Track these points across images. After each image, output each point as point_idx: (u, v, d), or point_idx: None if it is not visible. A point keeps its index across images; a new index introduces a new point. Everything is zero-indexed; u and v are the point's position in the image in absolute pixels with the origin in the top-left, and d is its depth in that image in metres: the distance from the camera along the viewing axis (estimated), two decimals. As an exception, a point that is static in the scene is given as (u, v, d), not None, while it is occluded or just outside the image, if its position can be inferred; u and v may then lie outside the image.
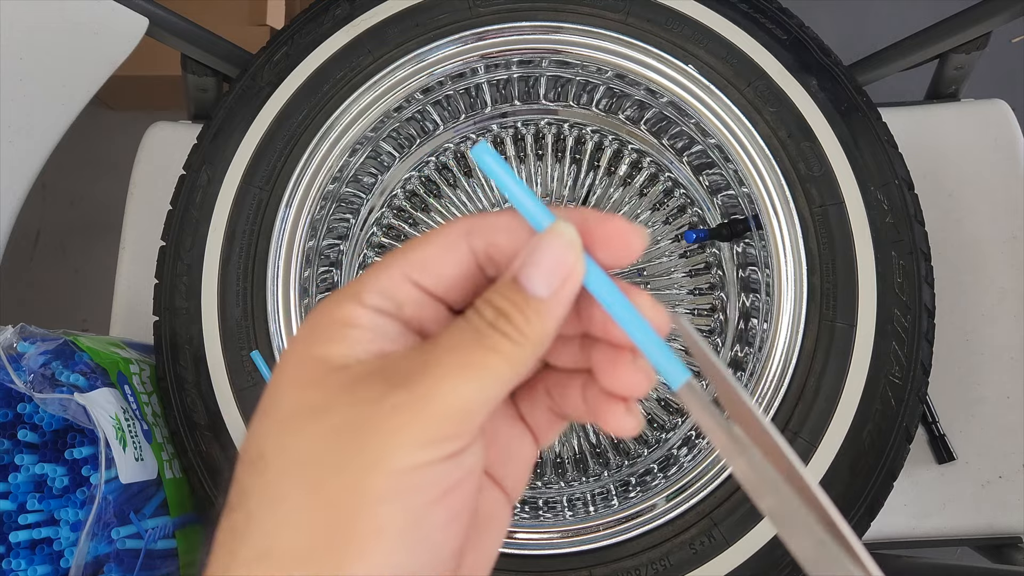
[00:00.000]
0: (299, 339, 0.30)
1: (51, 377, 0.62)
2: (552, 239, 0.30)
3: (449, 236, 0.32)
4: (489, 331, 0.29)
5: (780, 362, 0.65)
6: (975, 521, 0.77)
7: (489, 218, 0.32)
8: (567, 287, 0.30)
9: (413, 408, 0.27)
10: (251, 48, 0.82)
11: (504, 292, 0.30)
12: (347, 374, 0.29)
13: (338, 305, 0.31)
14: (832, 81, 0.69)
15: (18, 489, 0.64)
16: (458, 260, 0.32)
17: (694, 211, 0.79)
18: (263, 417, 0.30)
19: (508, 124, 0.82)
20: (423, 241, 0.32)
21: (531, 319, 0.29)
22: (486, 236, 0.32)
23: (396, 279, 0.31)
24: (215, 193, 0.71)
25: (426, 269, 0.31)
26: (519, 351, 0.29)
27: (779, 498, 0.29)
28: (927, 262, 0.66)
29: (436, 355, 0.29)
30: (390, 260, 0.31)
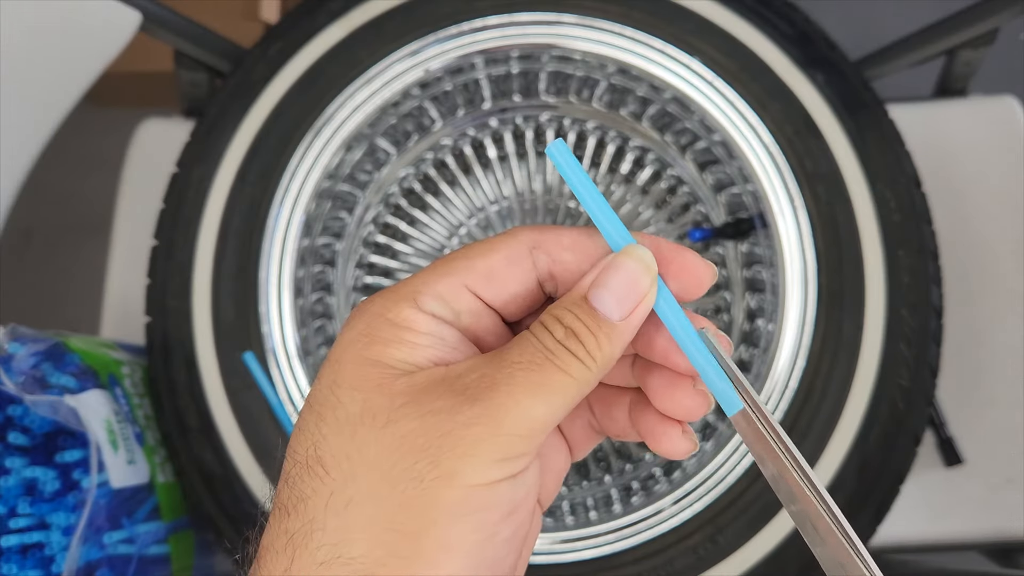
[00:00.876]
0: (354, 339, 0.30)
1: (41, 379, 0.61)
2: (628, 263, 0.30)
3: (514, 249, 0.31)
4: (560, 351, 0.29)
5: (787, 363, 0.64)
6: (983, 525, 0.76)
7: (556, 234, 0.32)
8: (638, 312, 0.30)
9: (488, 424, 0.27)
10: (245, 43, 0.81)
11: (575, 311, 0.30)
12: (410, 381, 0.29)
13: (395, 305, 0.30)
14: (839, 77, 0.68)
15: (8, 493, 0.63)
16: (521, 275, 0.32)
17: (698, 209, 0.78)
18: (319, 419, 0.29)
19: (507, 120, 0.81)
20: (486, 250, 0.31)
21: (601, 342, 0.29)
22: (552, 253, 0.32)
23: (456, 287, 0.31)
24: (207, 191, 0.71)
25: (489, 281, 0.31)
26: (587, 373, 0.29)
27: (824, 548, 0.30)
28: (935, 261, 0.66)
29: (507, 371, 0.29)
30: (450, 266, 0.31)
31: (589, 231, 0.32)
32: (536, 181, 0.82)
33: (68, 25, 0.70)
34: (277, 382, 0.67)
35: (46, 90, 0.73)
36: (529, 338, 0.30)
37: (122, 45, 0.74)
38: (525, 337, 0.30)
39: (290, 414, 0.66)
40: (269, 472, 0.66)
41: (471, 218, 0.81)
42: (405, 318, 0.30)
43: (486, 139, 0.82)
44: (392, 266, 0.81)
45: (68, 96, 0.74)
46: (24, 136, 0.73)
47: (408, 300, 0.30)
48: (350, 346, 0.30)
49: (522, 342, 0.30)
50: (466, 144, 0.82)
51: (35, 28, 0.69)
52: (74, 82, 0.74)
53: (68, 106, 0.75)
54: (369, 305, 0.31)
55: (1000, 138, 0.84)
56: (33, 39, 0.70)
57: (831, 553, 0.30)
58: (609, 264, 0.30)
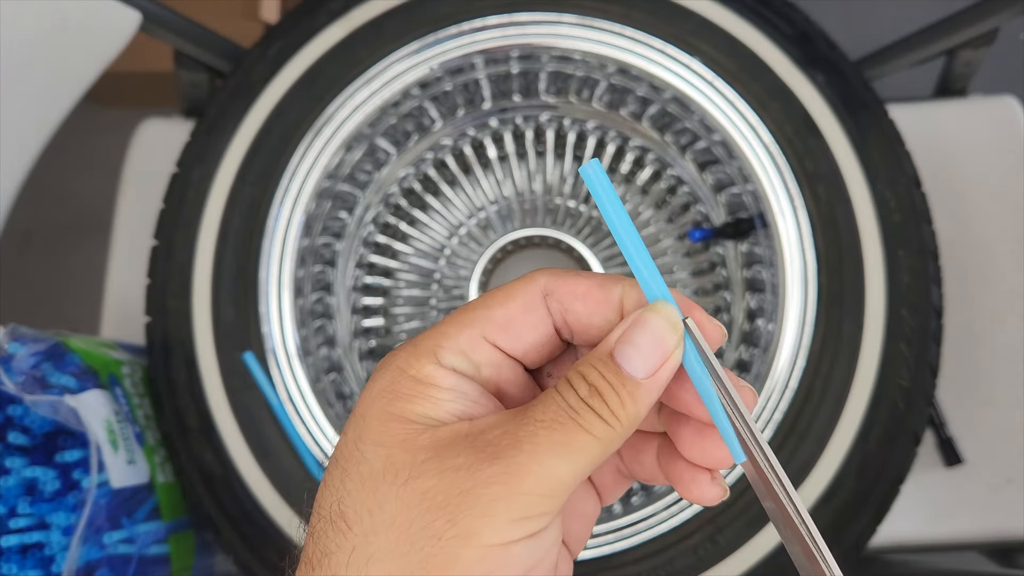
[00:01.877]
0: (377, 395, 0.30)
1: (41, 379, 0.61)
2: (655, 320, 0.30)
3: (528, 297, 0.31)
4: (583, 409, 0.29)
5: (787, 363, 0.64)
6: (983, 525, 0.76)
7: (568, 282, 0.32)
8: (664, 371, 0.30)
9: (507, 483, 0.27)
10: (245, 43, 0.81)
11: (600, 368, 0.29)
12: (432, 437, 0.29)
13: (416, 361, 0.30)
14: (839, 76, 0.68)
15: (8, 493, 0.63)
16: (537, 323, 0.32)
17: (698, 209, 0.78)
18: (343, 474, 0.29)
19: (507, 120, 0.81)
20: (503, 298, 0.32)
21: (625, 401, 0.29)
22: (564, 302, 0.32)
23: (475, 340, 0.31)
24: (207, 191, 0.71)
25: (506, 332, 0.31)
26: (612, 433, 0.29)
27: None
28: (935, 261, 0.66)
29: (530, 429, 0.28)
30: (469, 317, 0.31)
31: (602, 281, 0.32)
32: (536, 181, 0.82)
33: (68, 25, 0.70)
34: (277, 382, 0.67)
35: (46, 90, 0.73)
36: (553, 395, 0.29)
37: (122, 45, 0.73)
38: (550, 394, 0.30)
39: (290, 414, 0.66)
40: (269, 472, 0.66)
41: (471, 218, 0.81)
42: (427, 374, 0.30)
43: (486, 139, 0.82)
44: (392, 266, 0.81)
45: (68, 96, 0.74)
46: (24, 136, 0.73)
47: (429, 355, 0.31)
48: (374, 402, 0.30)
49: (546, 399, 0.29)
50: (466, 144, 0.82)
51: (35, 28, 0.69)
52: (74, 82, 0.74)
53: (68, 106, 0.74)
54: (393, 360, 0.31)
55: (1000, 138, 0.83)
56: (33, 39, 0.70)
57: (799, 551, 0.30)
58: (636, 320, 0.30)
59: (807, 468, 0.62)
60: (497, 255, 0.78)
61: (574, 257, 0.78)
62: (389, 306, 0.81)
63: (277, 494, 0.65)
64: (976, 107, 0.85)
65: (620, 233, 0.30)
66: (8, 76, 0.69)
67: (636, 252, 0.30)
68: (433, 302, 0.80)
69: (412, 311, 0.81)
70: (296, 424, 0.66)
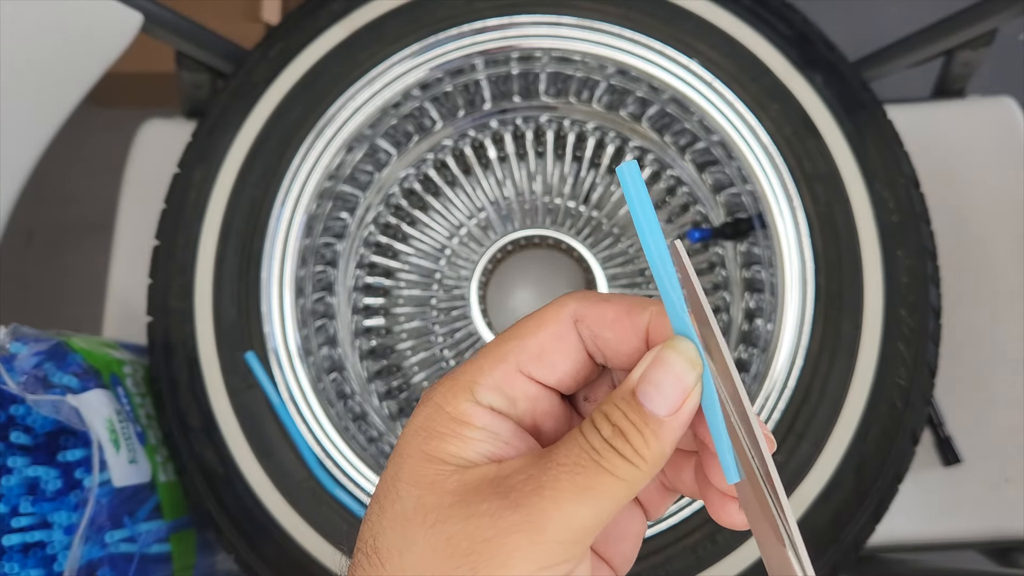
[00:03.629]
0: (415, 432, 0.31)
1: (44, 378, 0.61)
2: (672, 357, 0.30)
3: (559, 325, 0.32)
4: (606, 451, 0.29)
5: (785, 363, 0.64)
6: (981, 524, 0.76)
7: (597, 309, 0.32)
8: (686, 408, 0.30)
9: (528, 531, 0.27)
10: (246, 44, 0.81)
11: (623, 407, 0.29)
12: (460, 480, 0.29)
13: (453, 397, 0.31)
14: (838, 77, 0.68)
15: (10, 492, 0.63)
16: (570, 351, 0.32)
17: (697, 209, 0.79)
18: (381, 511, 0.30)
19: (508, 121, 0.81)
20: (535, 327, 0.32)
21: (649, 440, 0.29)
22: (594, 328, 0.32)
23: (510, 373, 0.31)
24: (209, 191, 0.71)
25: (540, 362, 0.31)
26: (637, 473, 0.29)
27: None
28: (933, 262, 0.66)
29: (552, 474, 0.28)
30: (503, 350, 0.32)
31: (630, 307, 0.31)
32: (536, 182, 0.82)
33: (70, 26, 0.70)
34: (279, 381, 0.67)
35: (48, 91, 0.73)
36: (577, 437, 0.29)
37: (124, 46, 0.74)
38: (574, 436, 0.30)
39: (291, 413, 0.67)
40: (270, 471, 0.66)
41: (471, 218, 0.82)
42: (463, 412, 0.31)
43: (486, 140, 0.82)
44: (393, 266, 0.81)
45: (70, 97, 0.74)
46: (27, 136, 0.73)
47: (466, 391, 0.31)
48: (412, 439, 0.31)
49: (569, 441, 0.29)
50: (466, 145, 0.82)
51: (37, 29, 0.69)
52: (76, 83, 0.74)
53: (70, 107, 0.75)
54: (432, 395, 0.32)
55: (998, 139, 0.84)
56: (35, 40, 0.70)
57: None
58: (656, 359, 0.30)
59: (805, 467, 0.62)
60: (497, 255, 0.78)
61: (574, 257, 0.78)
62: (390, 306, 0.81)
63: (278, 493, 0.65)
64: (974, 108, 0.85)
65: (651, 252, 0.30)
66: (10, 77, 0.69)
67: (665, 275, 0.30)
68: (434, 302, 0.80)
69: (413, 311, 0.81)
70: (297, 423, 0.66)
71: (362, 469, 0.66)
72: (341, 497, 0.65)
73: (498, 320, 0.79)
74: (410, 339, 0.80)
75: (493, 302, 0.80)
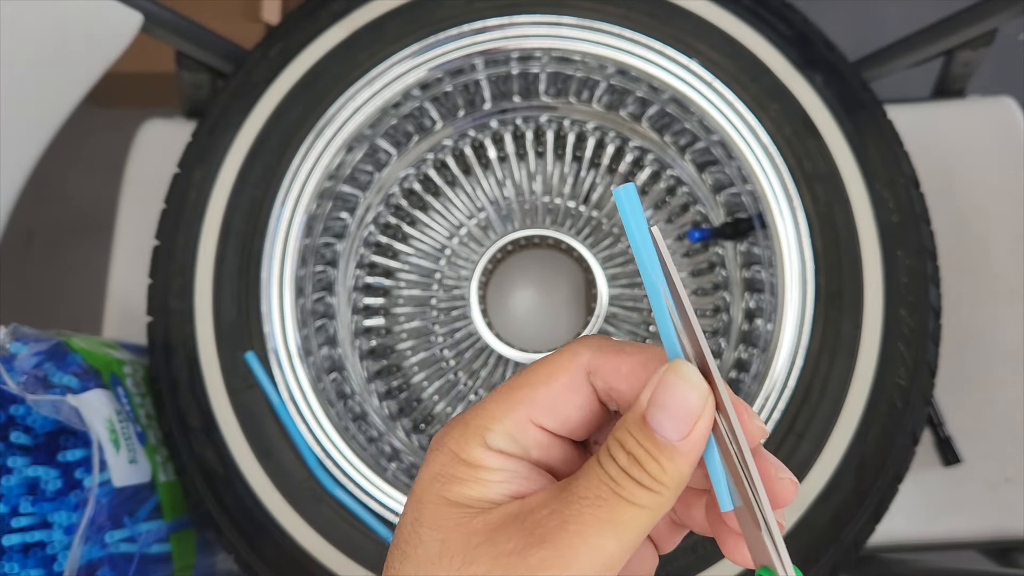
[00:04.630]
0: (432, 479, 0.31)
1: (44, 378, 0.61)
2: (674, 380, 0.29)
3: (572, 376, 0.31)
4: (625, 480, 0.29)
5: (785, 363, 0.64)
6: (981, 524, 0.76)
7: (611, 361, 0.31)
8: (699, 429, 0.29)
9: (557, 567, 0.28)
10: (246, 44, 0.81)
11: (635, 434, 0.29)
12: (485, 520, 0.30)
13: (466, 444, 0.31)
14: (838, 77, 0.68)
15: (10, 492, 0.63)
16: (582, 403, 0.32)
17: (697, 209, 0.79)
18: (403, 556, 0.30)
19: (508, 121, 0.81)
20: (547, 377, 0.32)
21: (665, 466, 0.29)
22: (608, 381, 0.31)
23: (522, 423, 0.31)
24: (209, 191, 0.71)
25: (552, 413, 0.31)
26: (658, 499, 0.29)
27: None
28: (933, 261, 0.66)
29: (575, 508, 0.29)
30: (513, 399, 0.31)
31: (647, 359, 0.31)
32: (536, 182, 0.82)
33: (70, 26, 0.70)
34: (279, 381, 0.67)
35: (49, 90, 0.73)
36: (595, 468, 0.29)
37: (124, 46, 0.74)
38: (592, 467, 0.30)
39: (291, 413, 0.67)
40: (270, 471, 0.66)
41: (471, 218, 0.82)
42: (477, 457, 0.31)
43: (486, 140, 0.82)
44: (393, 266, 0.81)
45: (71, 96, 0.74)
46: (27, 136, 0.73)
47: (478, 437, 0.31)
48: (430, 486, 0.31)
49: (589, 473, 0.29)
50: (466, 145, 0.82)
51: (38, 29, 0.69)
52: (76, 83, 0.74)
53: (71, 106, 0.75)
54: (445, 441, 0.32)
55: (998, 139, 0.84)
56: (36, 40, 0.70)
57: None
58: (660, 382, 0.30)
59: (805, 467, 0.62)
60: (497, 255, 0.78)
61: (574, 257, 0.78)
62: (390, 306, 0.81)
63: (278, 493, 0.65)
64: (974, 108, 0.85)
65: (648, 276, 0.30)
66: (10, 76, 0.69)
67: (661, 301, 0.30)
68: (434, 302, 0.80)
69: (413, 311, 0.81)
70: (297, 423, 0.66)
71: (362, 469, 0.66)
72: (341, 497, 0.65)
73: (498, 320, 0.79)
74: (410, 339, 0.80)
75: (493, 302, 0.80)
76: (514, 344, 0.75)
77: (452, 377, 0.79)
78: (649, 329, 0.78)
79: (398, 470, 0.70)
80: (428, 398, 0.79)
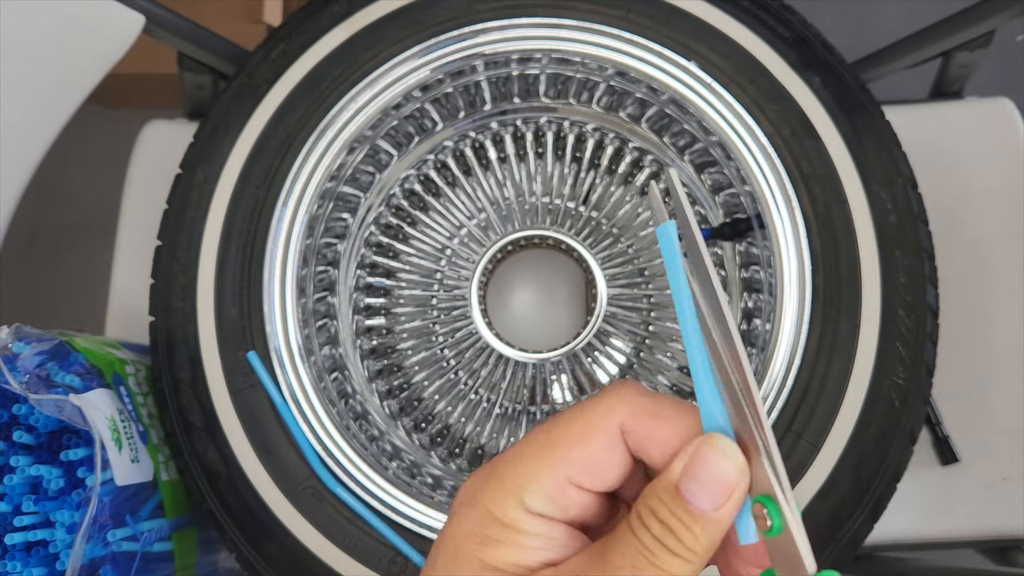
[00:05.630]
0: (466, 537, 0.31)
1: (46, 378, 0.62)
2: (712, 456, 0.29)
3: (609, 437, 0.31)
4: (659, 550, 0.29)
5: (783, 363, 0.64)
6: (979, 523, 0.76)
7: (645, 426, 0.31)
8: (732, 502, 0.29)
9: None
10: (248, 45, 0.81)
11: (669, 504, 0.29)
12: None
13: (503, 502, 0.31)
14: (835, 79, 0.68)
15: (13, 491, 0.63)
16: (620, 461, 0.32)
17: (696, 210, 0.79)
18: None
19: (508, 122, 0.81)
20: (580, 436, 0.31)
21: (699, 535, 0.29)
22: (640, 444, 0.31)
23: (560, 484, 0.31)
24: (211, 192, 0.71)
25: (590, 473, 0.31)
26: (691, 567, 0.29)
27: None
28: (931, 262, 0.66)
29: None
30: (550, 458, 0.31)
31: (683, 427, 0.31)
32: (536, 182, 0.82)
33: (72, 27, 0.71)
34: (280, 381, 0.68)
35: (51, 91, 0.74)
36: (628, 536, 0.30)
37: (126, 47, 0.74)
38: (624, 535, 0.30)
39: (293, 412, 0.67)
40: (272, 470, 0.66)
41: (472, 219, 0.82)
42: (514, 519, 0.31)
43: (487, 141, 0.82)
44: (394, 266, 0.82)
45: (73, 97, 0.75)
46: (29, 137, 0.73)
47: (515, 497, 0.31)
48: (464, 543, 0.31)
49: (622, 541, 0.30)
50: (467, 146, 0.82)
51: (40, 30, 0.70)
52: (79, 84, 0.74)
53: (73, 107, 0.75)
54: (479, 496, 0.31)
55: (995, 139, 0.84)
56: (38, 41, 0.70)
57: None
58: (696, 455, 0.30)
59: (804, 466, 0.62)
60: (497, 255, 0.78)
61: (574, 257, 0.79)
62: (391, 306, 0.81)
63: (280, 491, 0.66)
64: (972, 109, 0.85)
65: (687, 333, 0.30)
66: (13, 77, 0.69)
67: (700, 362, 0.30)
68: (434, 302, 0.81)
69: (413, 311, 0.81)
70: (299, 422, 0.67)
71: (363, 468, 0.66)
72: (342, 495, 0.65)
73: (498, 320, 0.79)
74: (411, 339, 0.81)
75: (493, 302, 0.80)
76: (514, 344, 0.76)
77: (452, 376, 0.79)
78: (649, 329, 0.78)
79: (399, 469, 0.70)
80: (429, 397, 0.79)
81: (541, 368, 0.77)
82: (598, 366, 0.78)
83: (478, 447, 0.77)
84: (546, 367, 0.77)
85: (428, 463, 0.73)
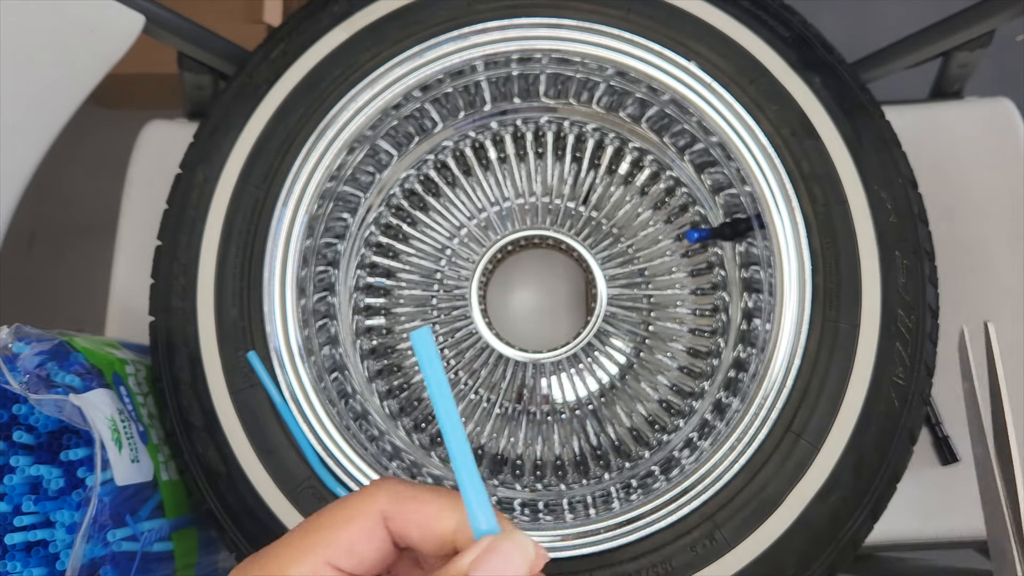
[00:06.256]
0: None
1: (46, 378, 0.62)
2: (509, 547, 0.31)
3: (369, 521, 0.32)
4: None
5: (783, 363, 0.64)
6: (979, 523, 0.75)
7: (406, 510, 0.33)
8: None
9: None
10: (248, 45, 0.81)
11: None
12: None
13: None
14: (835, 79, 0.69)
15: (13, 491, 0.63)
16: (379, 545, 0.33)
17: (696, 210, 0.79)
18: None
19: (508, 122, 0.81)
20: (343, 522, 0.32)
21: None
22: (401, 529, 0.33)
23: (319, 567, 0.32)
24: (211, 192, 0.71)
25: (349, 556, 0.32)
26: None
27: None
28: (931, 261, 0.66)
29: None
30: (310, 542, 0.32)
31: (439, 512, 0.32)
32: (536, 182, 0.82)
33: (72, 27, 0.71)
34: (280, 381, 0.68)
35: (51, 91, 0.74)
36: None
37: (126, 47, 0.74)
38: None
39: (293, 412, 0.67)
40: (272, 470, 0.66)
41: (472, 219, 0.82)
42: None
43: (487, 141, 0.82)
44: (394, 266, 0.82)
45: (73, 97, 0.75)
46: (29, 137, 0.73)
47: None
48: None
49: None
50: (467, 146, 0.82)
51: (40, 30, 0.70)
52: (79, 84, 0.74)
53: (73, 107, 0.75)
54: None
55: (995, 139, 0.84)
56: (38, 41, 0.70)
57: None
58: (486, 548, 0.31)
59: (803, 466, 0.62)
60: (497, 255, 0.78)
61: (574, 257, 0.79)
62: (391, 306, 0.81)
63: (280, 491, 0.66)
64: (972, 109, 0.85)
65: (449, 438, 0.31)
66: (13, 77, 0.69)
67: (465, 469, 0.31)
68: (434, 302, 0.81)
69: (413, 311, 0.81)
70: (299, 422, 0.67)
71: (363, 468, 0.66)
72: (343, 496, 0.65)
73: (498, 320, 0.80)
74: (411, 339, 0.80)
75: (493, 302, 0.81)
76: (514, 344, 0.76)
77: (452, 376, 0.79)
78: (649, 329, 0.78)
79: (399, 469, 0.70)
80: (429, 397, 0.79)
81: (541, 368, 0.77)
82: (598, 366, 0.78)
83: (478, 447, 0.77)
84: (546, 367, 0.77)
85: (428, 463, 0.73)
